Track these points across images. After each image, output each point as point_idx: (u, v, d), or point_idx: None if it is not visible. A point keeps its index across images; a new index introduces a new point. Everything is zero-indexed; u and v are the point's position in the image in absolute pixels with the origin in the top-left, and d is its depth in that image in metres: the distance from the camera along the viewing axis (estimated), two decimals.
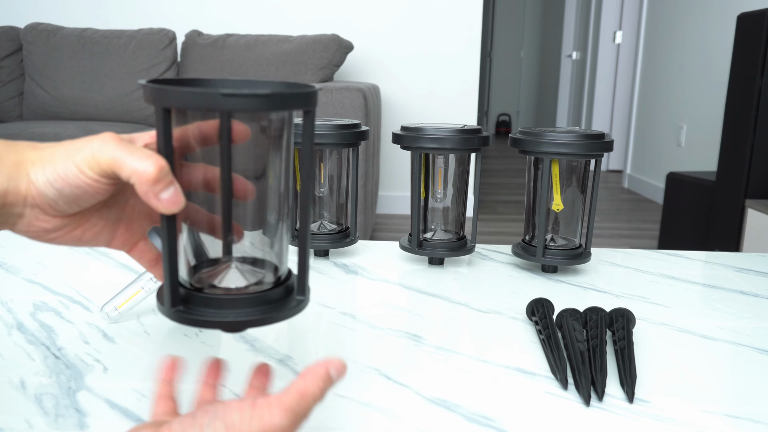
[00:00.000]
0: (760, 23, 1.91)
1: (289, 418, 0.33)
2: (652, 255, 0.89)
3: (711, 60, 3.25)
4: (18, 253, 0.82)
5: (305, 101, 0.37)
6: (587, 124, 5.24)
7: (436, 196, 0.83)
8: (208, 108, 0.34)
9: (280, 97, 0.35)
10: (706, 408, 0.48)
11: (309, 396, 0.35)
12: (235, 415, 0.33)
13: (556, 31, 6.74)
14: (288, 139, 0.40)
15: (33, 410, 0.46)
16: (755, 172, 1.99)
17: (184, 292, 0.39)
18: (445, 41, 3.09)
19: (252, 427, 0.32)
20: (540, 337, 0.59)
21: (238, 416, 0.33)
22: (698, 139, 3.37)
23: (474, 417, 0.46)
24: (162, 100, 0.35)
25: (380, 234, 2.80)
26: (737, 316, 0.68)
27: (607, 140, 0.75)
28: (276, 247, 0.41)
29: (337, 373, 0.36)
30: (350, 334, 0.61)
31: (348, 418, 0.46)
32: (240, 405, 0.33)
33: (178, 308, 0.38)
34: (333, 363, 0.36)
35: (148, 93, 0.35)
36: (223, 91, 0.33)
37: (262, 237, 0.41)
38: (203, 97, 0.34)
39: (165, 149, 0.36)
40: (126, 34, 2.68)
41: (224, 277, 0.40)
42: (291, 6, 3.03)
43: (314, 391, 0.35)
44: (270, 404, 0.33)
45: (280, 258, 0.41)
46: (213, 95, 0.33)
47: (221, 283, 0.40)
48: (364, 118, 2.12)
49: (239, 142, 0.37)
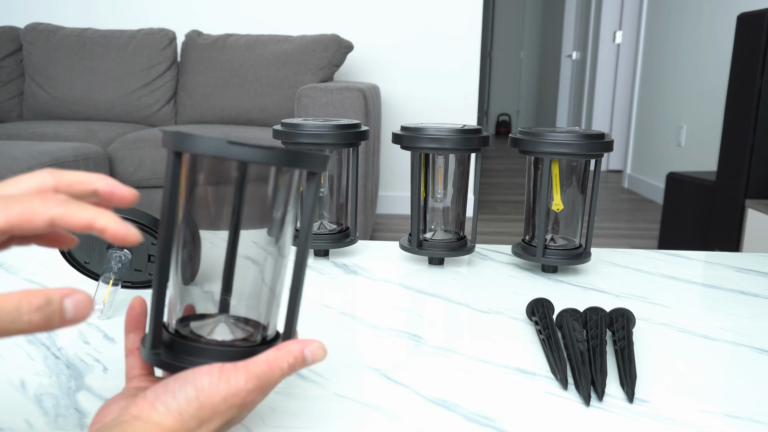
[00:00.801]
0: (760, 23, 1.91)
1: (254, 384, 0.35)
2: (652, 255, 0.89)
3: (711, 60, 3.25)
4: (18, 253, 0.82)
5: (312, 162, 0.37)
6: (587, 124, 5.24)
7: (436, 196, 0.83)
8: (219, 155, 0.35)
9: (289, 155, 0.35)
10: (706, 408, 0.48)
11: (276, 368, 0.36)
12: (204, 379, 0.35)
13: (556, 31, 6.74)
14: (293, 197, 0.40)
15: (33, 410, 0.46)
16: (755, 172, 1.99)
17: (168, 337, 0.39)
18: (445, 41, 3.09)
19: (219, 389, 0.34)
20: (540, 337, 0.59)
21: (207, 380, 0.35)
22: (698, 139, 3.37)
23: (474, 417, 0.46)
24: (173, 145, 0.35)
25: (380, 234, 2.80)
26: (737, 316, 0.68)
27: (607, 140, 0.75)
28: (267, 309, 0.41)
29: (312, 355, 0.38)
30: (350, 334, 0.61)
31: (348, 418, 0.46)
32: (209, 369, 0.35)
33: (157, 351, 0.38)
34: (312, 345, 0.38)
35: (164, 138, 0.36)
36: (231, 140, 0.34)
37: (255, 297, 0.40)
38: (213, 142, 0.34)
39: (171, 193, 0.36)
40: (126, 34, 2.68)
41: (213, 330, 0.40)
42: (291, 6, 3.03)
43: (282, 366, 0.37)
44: (237, 369, 0.35)
45: (269, 320, 0.41)
46: (221, 143, 0.34)
47: (208, 335, 0.40)
48: (364, 118, 2.12)
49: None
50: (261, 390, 0.36)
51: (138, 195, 0.35)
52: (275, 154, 0.35)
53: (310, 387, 0.50)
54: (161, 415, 0.34)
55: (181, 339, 0.38)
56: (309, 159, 0.36)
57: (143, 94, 2.65)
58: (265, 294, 0.40)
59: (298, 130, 0.80)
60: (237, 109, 2.60)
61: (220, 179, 0.38)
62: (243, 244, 0.39)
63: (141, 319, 0.42)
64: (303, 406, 0.47)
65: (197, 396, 0.34)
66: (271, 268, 0.40)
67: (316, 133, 0.79)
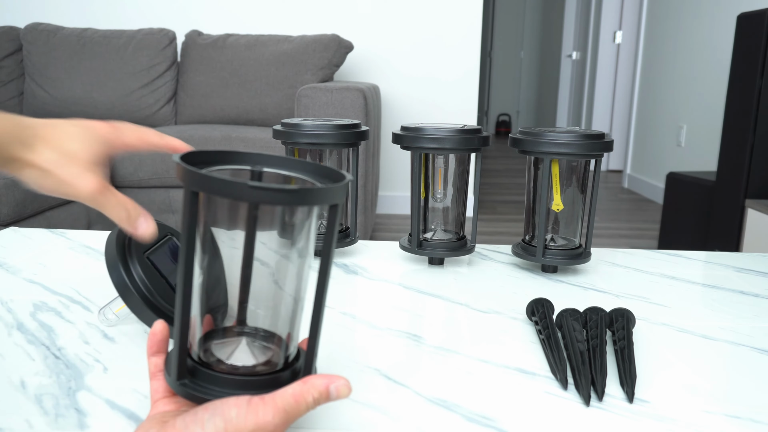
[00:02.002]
0: (760, 23, 1.91)
1: (281, 418, 0.36)
2: (652, 255, 0.89)
3: (711, 60, 3.25)
4: (18, 253, 0.82)
5: (332, 196, 0.36)
6: (587, 124, 5.24)
7: (436, 196, 0.83)
8: (236, 198, 0.35)
9: (309, 193, 0.35)
10: (706, 408, 0.48)
11: (303, 402, 0.37)
12: (232, 411, 0.35)
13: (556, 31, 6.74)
14: (310, 225, 0.39)
15: (33, 410, 0.46)
16: (755, 172, 1.99)
17: (191, 365, 0.39)
18: (445, 41, 3.09)
19: (247, 422, 0.35)
20: (540, 337, 0.59)
21: (235, 412, 0.35)
22: (698, 139, 3.37)
23: (474, 417, 0.46)
24: (191, 185, 0.35)
25: (380, 234, 2.80)
26: (737, 316, 0.68)
27: (607, 140, 0.75)
28: (288, 328, 0.41)
29: (337, 392, 0.38)
30: (350, 334, 0.61)
31: (348, 418, 0.46)
32: (237, 402, 0.36)
33: (183, 381, 0.39)
34: (338, 381, 0.39)
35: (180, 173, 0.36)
36: (251, 184, 0.33)
37: (277, 313, 0.41)
38: (232, 186, 0.34)
39: (188, 229, 0.36)
40: (126, 34, 2.68)
41: (233, 353, 0.40)
42: (291, 6, 3.03)
43: (308, 401, 0.37)
44: (265, 403, 0.36)
45: (291, 338, 0.41)
46: (241, 186, 0.34)
47: (229, 360, 0.40)
48: (364, 118, 2.12)
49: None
50: (286, 423, 0.37)
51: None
52: (297, 196, 0.34)
53: None
54: None
55: (205, 368, 0.39)
56: (329, 194, 0.36)
57: (143, 94, 2.65)
58: (286, 304, 0.40)
59: (298, 130, 0.80)
60: (237, 109, 2.60)
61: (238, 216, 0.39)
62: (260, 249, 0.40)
63: (163, 344, 0.43)
64: None
65: (225, 428, 0.35)
66: (289, 275, 0.40)
67: (316, 133, 0.79)
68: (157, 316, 0.51)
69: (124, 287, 0.52)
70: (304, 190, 0.34)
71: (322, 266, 0.39)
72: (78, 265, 0.78)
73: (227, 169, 0.41)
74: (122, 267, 0.52)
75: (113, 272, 0.52)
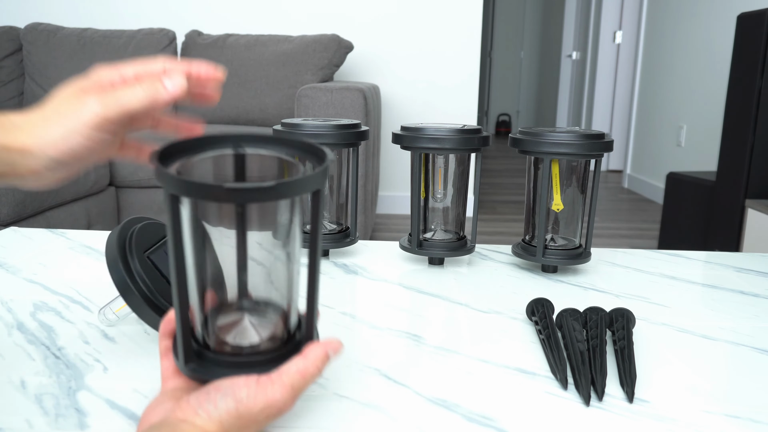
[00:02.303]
0: (760, 23, 1.91)
1: (290, 394, 0.39)
2: (652, 255, 0.89)
3: (711, 60, 3.25)
4: (18, 253, 0.82)
5: (310, 185, 0.36)
6: (587, 124, 5.24)
7: (436, 196, 0.83)
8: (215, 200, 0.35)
9: (286, 186, 0.35)
10: (706, 408, 0.48)
11: (308, 375, 0.40)
12: (242, 391, 0.38)
13: (556, 31, 6.74)
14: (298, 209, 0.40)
15: (33, 410, 0.46)
16: (755, 172, 1.99)
17: (197, 348, 0.40)
18: (445, 41, 3.09)
19: (257, 401, 0.38)
20: (540, 337, 0.59)
21: (245, 392, 0.38)
22: (698, 139, 3.37)
23: (474, 417, 0.46)
24: (169, 188, 0.35)
25: (380, 234, 2.80)
26: (737, 316, 0.68)
27: (607, 140, 0.75)
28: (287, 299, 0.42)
29: (334, 353, 0.41)
30: (350, 334, 0.61)
31: (348, 418, 0.46)
32: (246, 382, 0.38)
33: (191, 366, 0.40)
34: (331, 344, 0.41)
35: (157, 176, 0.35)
36: (227, 186, 0.33)
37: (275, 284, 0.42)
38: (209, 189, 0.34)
39: (174, 233, 0.36)
40: (126, 34, 2.68)
41: (237, 332, 0.41)
42: (291, 6, 3.03)
43: (313, 371, 0.40)
44: (273, 381, 0.38)
45: (290, 308, 0.42)
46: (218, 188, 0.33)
47: (234, 340, 0.41)
48: (364, 118, 2.12)
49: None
50: (294, 398, 0.39)
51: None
52: (276, 191, 0.34)
53: (310, 387, 0.49)
54: (204, 421, 0.37)
55: (210, 352, 0.40)
56: (310, 182, 0.36)
57: None
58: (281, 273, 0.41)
59: (298, 130, 0.80)
60: (237, 109, 2.60)
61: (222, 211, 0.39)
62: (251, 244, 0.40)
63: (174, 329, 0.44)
64: (303, 406, 0.47)
65: (236, 407, 0.37)
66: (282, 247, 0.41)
67: (316, 133, 0.79)
68: (158, 314, 0.51)
69: (125, 286, 0.52)
70: (282, 185, 0.34)
71: (313, 230, 0.40)
72: (78, 265, 0.78)
73: (209, 157, 0.40)
74: (123, 266, 0.52)
75: (114, 271, 0.52)
